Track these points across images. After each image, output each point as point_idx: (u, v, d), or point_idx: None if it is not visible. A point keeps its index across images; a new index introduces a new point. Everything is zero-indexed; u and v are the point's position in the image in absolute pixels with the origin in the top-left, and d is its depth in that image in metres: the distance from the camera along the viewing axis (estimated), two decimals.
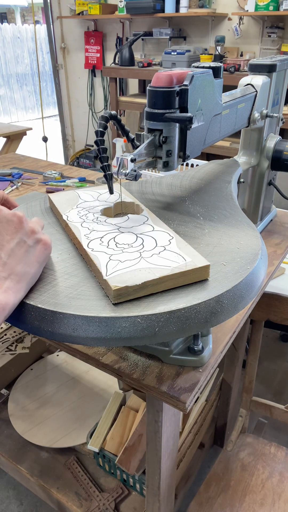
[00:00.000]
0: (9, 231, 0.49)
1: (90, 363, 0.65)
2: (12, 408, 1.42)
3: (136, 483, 1.20)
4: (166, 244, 0.58)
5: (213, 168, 0.89)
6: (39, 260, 0.51)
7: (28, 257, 0.49)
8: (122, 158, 0.58)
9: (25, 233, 0.50)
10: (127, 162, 0.57)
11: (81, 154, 4.37)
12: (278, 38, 2.85)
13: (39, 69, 4.76)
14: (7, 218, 0.49)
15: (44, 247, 0.52)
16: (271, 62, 0.88)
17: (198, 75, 0.61)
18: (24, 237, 0.49)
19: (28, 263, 0.49)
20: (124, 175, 0.58)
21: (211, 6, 3.03)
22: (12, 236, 0.49)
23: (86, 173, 1.52)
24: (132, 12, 3.19)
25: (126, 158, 0.58)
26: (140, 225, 0.64)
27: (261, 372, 1.90)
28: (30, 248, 0.50)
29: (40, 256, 0.51)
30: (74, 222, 0.65)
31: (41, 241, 0.51)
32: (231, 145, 2.85)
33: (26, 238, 0.49)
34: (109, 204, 0.71)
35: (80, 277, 0.54)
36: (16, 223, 0.49)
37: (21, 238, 0.49)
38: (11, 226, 0.49)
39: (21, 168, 1.55)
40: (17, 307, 0.50)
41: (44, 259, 0.52)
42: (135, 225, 0.64)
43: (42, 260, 0.51)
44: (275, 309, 1.06)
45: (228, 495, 1.04)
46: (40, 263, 0.51)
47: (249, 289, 0.54)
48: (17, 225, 0.49)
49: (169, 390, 0.56)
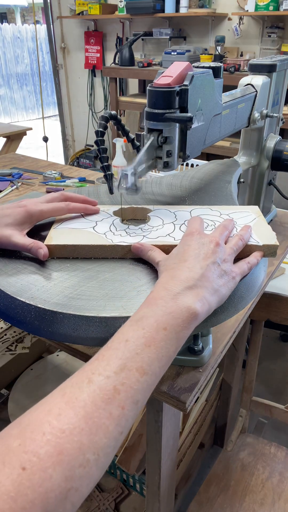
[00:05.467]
0: (207, 250, 0.50)
1: None
2: (12, 408, 1.42)
3: (136, 483, 1.20)
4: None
5: (213, 168, 0.89)
6: (229, 287, 0.50)
7: (221, 278, 0.49)
8: (123, 173, 0.57)
9: (220, 258, 0.50)
10: (127, 177, 0.57)
11: (81, 154, 4.37)
12: (278, 38, 2.85)
13: (39, 69, 4.76)
14: (208, 240, 0.52)
15: (234, 281, 0.51)
16: (271, 62, 0.88)
17: (198, 75, 0.61)
18: (218, 261, 0.50)
19: (219, 284, 0.49)
20: (125, 189, 0.58)
21: (211, 6, 3.03)
22: (208, 255, 0.50)
23: (86, 173, 1.52)
24: (132, 12, 3.19)
25: (127, 173, 0.57)
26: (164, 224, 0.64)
27: (261, 372, 1.90)
28: (222, 272, 0.50)
29: (229, 285, 0.50)
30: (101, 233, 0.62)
31: (232, 273, 0.51)
32: (231, 145, 2.85)
33: (220, 262, 0.50)
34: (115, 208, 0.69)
35: (80, 277, 0.54)
36: (214, 246, 0.51)
37: (216, 261, 0.50)
38: (210, 246, 0.51)
39: (21, 168, 1.55)
40: (17, 307, 0.50)
41: (230, 289, 0.50)
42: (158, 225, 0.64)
43: (229, 289, 0.50)
44: (275, 309, 1.06)
45: (228, 495, 1.04)
46: (227, 290, 0.50)
47: (249, 289, 0.54)
48: (214, 248, 0.51)
49: (169, 390, 0.56)
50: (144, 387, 0.37)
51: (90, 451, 0.32)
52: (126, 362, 0.37)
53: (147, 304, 0.44)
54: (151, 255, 0.55)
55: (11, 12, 10.15)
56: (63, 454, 0.30)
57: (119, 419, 0.34)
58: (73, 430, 0.32)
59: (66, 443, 0.31)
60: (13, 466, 0.29)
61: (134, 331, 0.40)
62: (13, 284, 0.53)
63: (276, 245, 0.57)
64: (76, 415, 0.32)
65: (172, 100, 0.59)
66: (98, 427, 0.33)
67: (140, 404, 0.37)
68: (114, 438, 0.34)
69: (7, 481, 0.28)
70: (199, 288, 0.46)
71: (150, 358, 0.39)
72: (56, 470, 0.30)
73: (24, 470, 0.29)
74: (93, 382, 0.35)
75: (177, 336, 0.42)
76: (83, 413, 0.33)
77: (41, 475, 0.29)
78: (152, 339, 0.40)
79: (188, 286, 0.45)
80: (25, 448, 0.30)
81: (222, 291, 0.48)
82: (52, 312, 0.48)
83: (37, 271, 0.55)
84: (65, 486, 0.30)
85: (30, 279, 0.54)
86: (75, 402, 0.33)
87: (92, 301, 0.50)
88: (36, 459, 0.29)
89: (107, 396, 0.34)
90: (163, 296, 0.44)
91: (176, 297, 0.44)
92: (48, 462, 0.30)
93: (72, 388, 0.35)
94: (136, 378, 0.37)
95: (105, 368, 0.37)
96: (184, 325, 0.42)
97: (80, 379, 0.36)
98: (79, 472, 0.31)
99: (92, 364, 0.38)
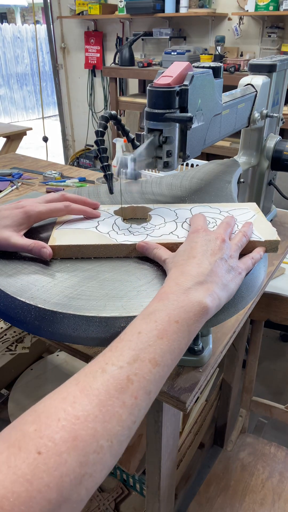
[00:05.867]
0: (214, 246, 0.51)
1: None
2: (12, 408, 1.41)
3: (136, 483, 1.20)
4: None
5: (213, 168, 0.89)
6: (236, 282, 0.51)
7: (229, 273, 0.50)
8: (123, 158, 0.58)
9: (227, 254, 0.51)
10: (127, 162, 0.57)
11: (81, 154, 4.37)
12: (278, 38, 2.85)
13: (39, 69, 4.75)
14: (214, 236, 0.52)
15: (240, 277, 0.51)
16: (271, 62, 0.88)
17: (198, 75, 0.61)
18: (225, 256, 0.51)
19: (228, 279, 0.49)
20: (125, 174, 0.58)
21: (211, 6, 3.03)
22: (215, 251, 0.51)
23: (86, 173, 1.52)
24: (132, 12, 3.19)
25: (127, 157, 0.58)
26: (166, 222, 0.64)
27: (261, 372, 1.90)
28: (229, 267, 0.51)
29: (236, 280, 0.51)
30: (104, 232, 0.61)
31: (238, 268, 0.52)
32: (231, 145, 2.85)
33: (227, 258, 0.51)
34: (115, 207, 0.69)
35: (80, 277, 0.54)
36: (220, 242, 0.52)
37: (223, 257, 0.50)
38: (216, 242, 0.52)
39: (21, 168, 1.55)
40: (17, 307, 0.50)
41: (238, 285, 0.51)
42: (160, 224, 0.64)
43: (236, 285, 0.51)
44: (275, 309, 1.06)
45: (228, 495, 1.04)
46: (235, 286, 0.50)
47: (249, 289, 0.54)
48: (221, 244, 0.52)
49: (169, 390, 0.56)
50: (156, 378, 0.38)
51: (104, 438, 0.33)
52: (139, 353, 0.38)
53: (159, 298, 0.45)
54: (156, 253, 0.55)
55: (11, 12, 10.15)
56: (78, 440, 0.31)
57: (132, 408, 0.35)
58: (88, 417, 0.32)
59: (80, 429, 0.32)
60: (29, 450, 0.29)
61: (147, 324, 0.41)
62: (13, 284, 0.53)
63: (277, 240, 0.58)
64: (90, 403, 0.33)
65: (172, 100, 0.59)
66: (111, 415, 0.34)
67: (152, 395, 0.38)
68: (127, 426, 0.35)
69: (23, 464, 0.29)
70: (209, 283, 0.47)
71: (162, 350, 0.39)
72: (71, 455, 0.30)
73: (40, 455, 0.29)
74: (106, 371, 0.36)
75: (189, 329, 0.42)
76: (97, 401, 0.34)
77: (56, 459, 0.30)
78: (164, 331, 0.40)
79: (198, 281, 0.46)
80: (41, 433, 0.31)
81: (230, 286, 0.49)
82: (52, 312, 0.48)
83: (37, 271, 0.55)
84: (80, 471, 0.30)
85: (30, 279, 0.54)
86: (89, 390, 0.34)
87: (92, 301, 0.50)
88: (51, 443, 0.30)
89: (120, 386, 0.35)
90: (175, 291, 0.45)
91: (188, 291, 0.45)
92: (63, 447, 0.30)
93: (86, 377, 0.36)
94: (149, 369, 0.38)
95: (118, 358, 0.37)
96: (195, 319, 0.43)
97: (93, 369, 0.37)
98: (93, 458, 0.31)
99: (105, 355, 0.38)
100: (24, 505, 0.27)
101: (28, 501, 0.27)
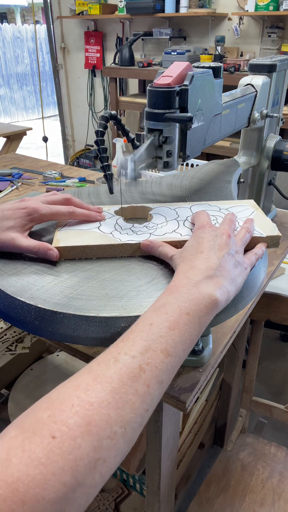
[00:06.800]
0: (221, 242, 0.52)
1: None
2: (12, 408, 1.42)
3: (136, 483, 1.20)
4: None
5: (213, 168, 0.89)
6: (242, 277, 0.51)
7: (236, 268, 0.51)
8: (123, 159, 0.58)
9: (233, 250, 0.52)
10: (127, 163, 0.57)
11: (81, 154, 4.37)
12: (278, 38, 2.85)
13: (39, 69, 4.75)
14: (220, 232, 0.53)
15: (246, 272, 0.52)
16: (271, 62, 0.88)
17: (198, 75, 0.61)
18: (232, 252, 0.52)
19: (235, 273, 0.50)
20: (125, 175, 0.58)
21: (211, 6, 3.03)
22: (222, 247, 0.51)
23: (86, 173, 1.52)
24: (132, 12, 3.19)
25: (127, 158, 0.58)
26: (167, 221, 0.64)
27: (261, 372, 1.90)
28: (236, 262, 0.51)
29: (243, 275, 0.51)
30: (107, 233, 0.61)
31: (244, 263, 0.52)
32: (231, 145, 2.85)
33: (233, 253, 0.52)
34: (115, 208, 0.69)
35: (80, 277, 0.54)
36: (226, 237, 0.53)
37: (230, 252, 0.51)
38: (223, 238, 0.52)
39: (21, 168, 1.55)
40: (17, 307, 0.50)
41: (244, 280, 0.52)
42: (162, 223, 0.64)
43: (243, 279, 0.51)
44: (275, 309, 1.06)
45: (228, 495, 1.04)
46: (242, 280, 0.51)
47: (249, 289, 0.54)
48: (227, 240, 0.52)
49: (169, 390, 0.56)
50: (168, 368, 0.39)
51: (117, 424, 0.33)
52: (151, 344, 0.39)
53: (169, 292, 0.45)
54: (162, 251, 0.56)
55: (11, 12, 10.15)
56: (92, 425, 0.32)
57: (145, 397, 0.36)
58: (101, 403, 0.33)
59: (94, 415, 0.32)
60: (43, 435, 0.30)
61: (158, 316, 0.42)
62: (13, 284, 0.53)
63: (279, 235, 0.59)
64: (104, 390, 0.34)
65: (172, 100, 0.59)
66: (124, 402, 0.34)
67: (164, 385, 0.39)
68: (140, 414, 0.35)
69: (37, 448, 0.29)
70: (218, 277, 0.47)
71: (174, 340, 0.40)
72: (85, 440, 0.31)
73: (54, 439, 0.30)
74: (119, 360, 0.37)
75: (200, 321, 0.43)
76: (110, 388, 0.34)
77: (70, 443, 0.30)
78: (176, 322, 0.41)
79: (208, 275, 0.47)
80: (55, 418, 0.31)
81: (238, 280, 0.50)
82: (52, 312, 0.48)
83: (37, 271, 0.55)
84: (94, 456, 0.31)
85: (30, 279, 0.54)
86: (102, 378, 0.35)
87: (92, 301, 0.50)
88: (65, 428, 0.31)
89: (133, 374, 0.36)
90: (185, 284, 0.45)
91: (198, 285, 0.45)
92: (77, 432, 0.31)
93: (98, 366, 0.36)
94: (161, 359, 0.38)
95: (130, 348, 0.38)
96: (206, 311, 0.44)
97: (106, 358, 0.37)
98: (106, 444, 0.32)
99: (117, 345, 0.39)
100: (39, 487, 0.28)
101: (43, 484, 0.28)
